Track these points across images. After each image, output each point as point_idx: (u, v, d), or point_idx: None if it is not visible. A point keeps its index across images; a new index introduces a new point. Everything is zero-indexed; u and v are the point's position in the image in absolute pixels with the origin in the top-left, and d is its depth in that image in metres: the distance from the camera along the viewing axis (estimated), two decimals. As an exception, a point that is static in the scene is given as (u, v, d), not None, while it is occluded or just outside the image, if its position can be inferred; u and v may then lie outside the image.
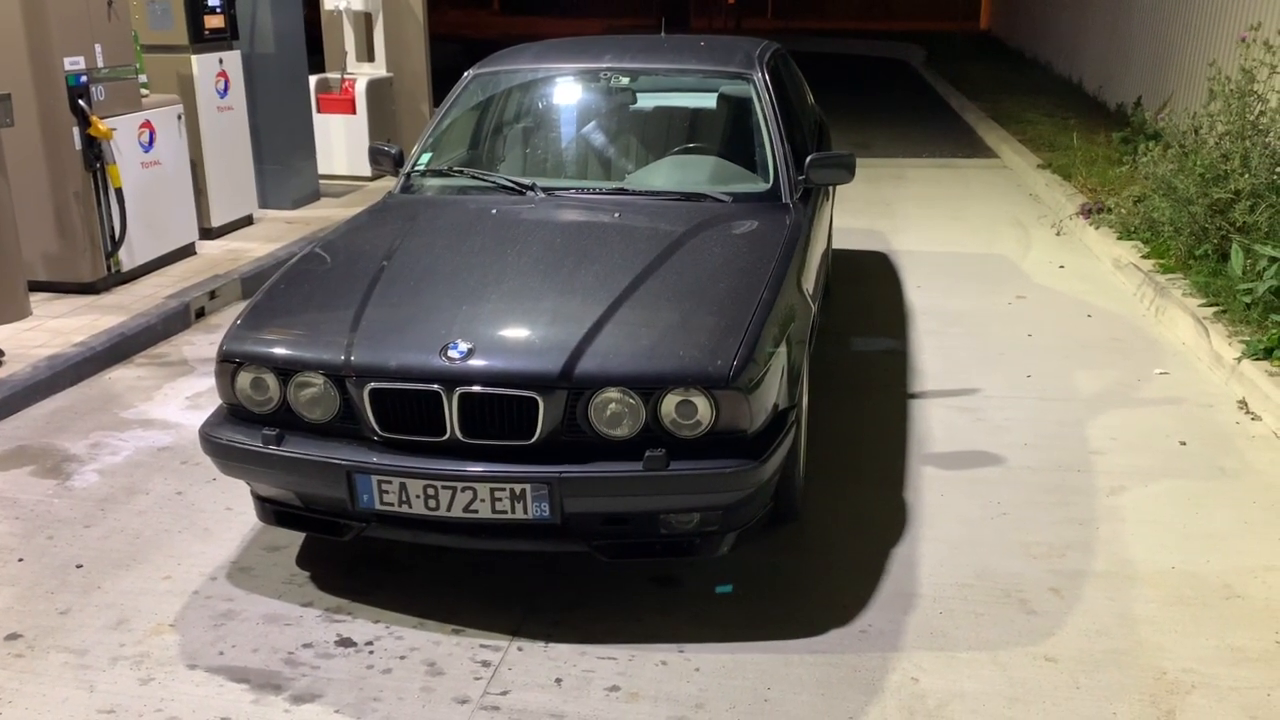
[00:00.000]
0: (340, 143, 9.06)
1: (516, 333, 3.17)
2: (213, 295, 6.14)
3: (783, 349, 3.25)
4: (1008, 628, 3.13)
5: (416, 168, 4.49)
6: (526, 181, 4.20)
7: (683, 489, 3.01)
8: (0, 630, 3.16)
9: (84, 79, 5.76)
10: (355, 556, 3.52)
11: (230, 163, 7.30)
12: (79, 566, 3.51)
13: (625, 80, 4.66)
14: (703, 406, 2.99)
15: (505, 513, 3.02)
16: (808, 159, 4.26)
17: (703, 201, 4.11)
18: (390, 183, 4.54)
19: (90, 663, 3.01)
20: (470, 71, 4.78)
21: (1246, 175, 6.00)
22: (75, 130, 5.74)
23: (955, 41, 22.21)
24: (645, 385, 2.99)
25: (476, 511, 3.03)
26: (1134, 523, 3.73)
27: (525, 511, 3.01)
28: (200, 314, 6.01)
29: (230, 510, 3.87)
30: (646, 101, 4.74)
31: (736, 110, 4.56)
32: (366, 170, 9.16)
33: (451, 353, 3.05)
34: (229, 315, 6.07)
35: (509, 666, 2.97)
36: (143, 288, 6.15)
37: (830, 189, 5.13)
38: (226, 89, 7.19)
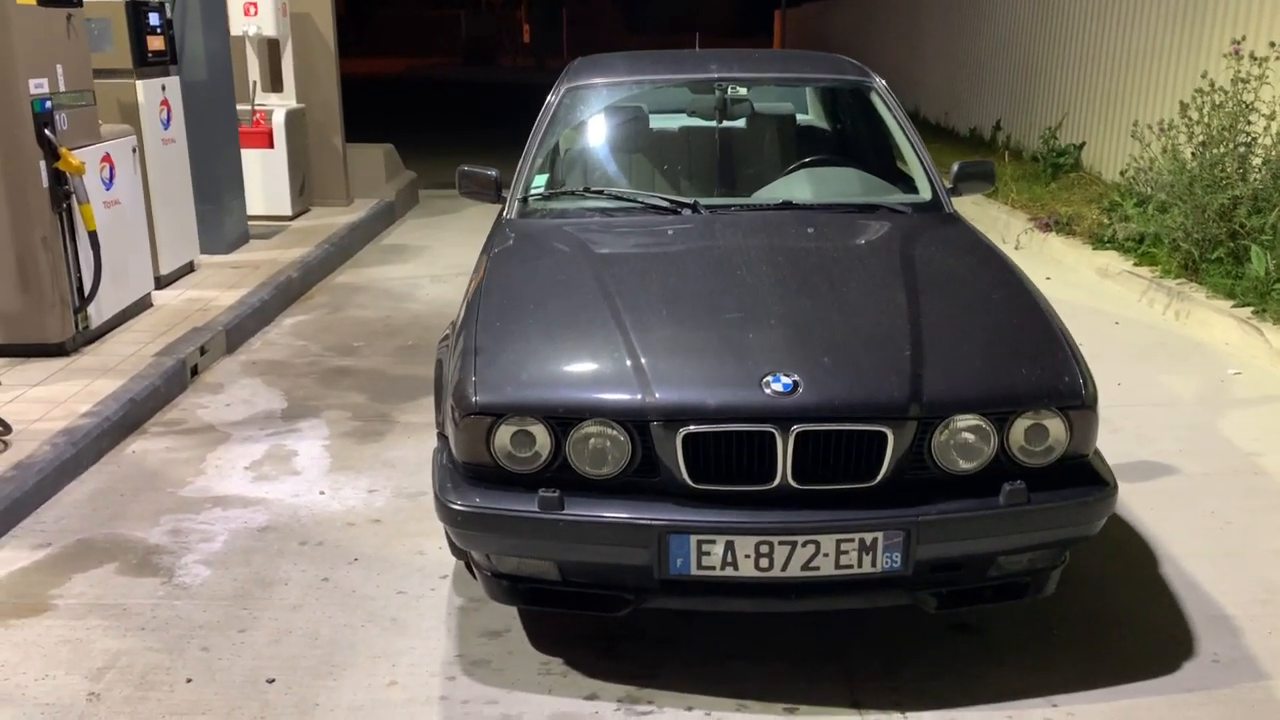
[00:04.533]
0: (257, 179, 8.21)
1: (839, 360, 2.76)
2: (203, 350, 5.34)
3: (1082, 361, 3.01)
4: (1347, 641, 2.98)
5: (533, 191, 4.00)
6: (687, 199, 3.80)
7: (1044, 524, 2.69)
8: (234, 774, 2.50)
9: (49, 104, 4.91)
10: (603, 634, 3.01)
11: (174, 203, 6.45)
12: (270, 681, 2.84)
13: (742, 91, 4.32)
14: (1055, 429, 2.69)
15: (851, 567, 2.62)
16: (955, 167, 4.07)
17: (877, 212, 3.83)
18: (318, 220, 4.01)
19: (386, 801, 2.40)
20: (562, 86, 4.32)
21: (1243, 183, 6.24)
22: (42, 164, 4.87)
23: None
24: (1000, 409, 2.67)
25: (818, 569, 2.62)
26: (1355, 521, 3.68)
27: (874, 564, 2.62)
28: (194, 371, 5.22)
29: (404, 594, 3.27)
30: (766, 112, 4.42)
31: (868, 118, 4.32)
32: (288, 209, 8.42)
33: (775, 386, 2.64)
34: (224, 372, 5.32)
35: (886, 745, 2.58)
36: (117, 346, 5.29)
37: None
38: (169, 119, 6.36)
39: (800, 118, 4.69)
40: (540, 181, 4.07)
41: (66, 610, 3.19)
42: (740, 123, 4.36)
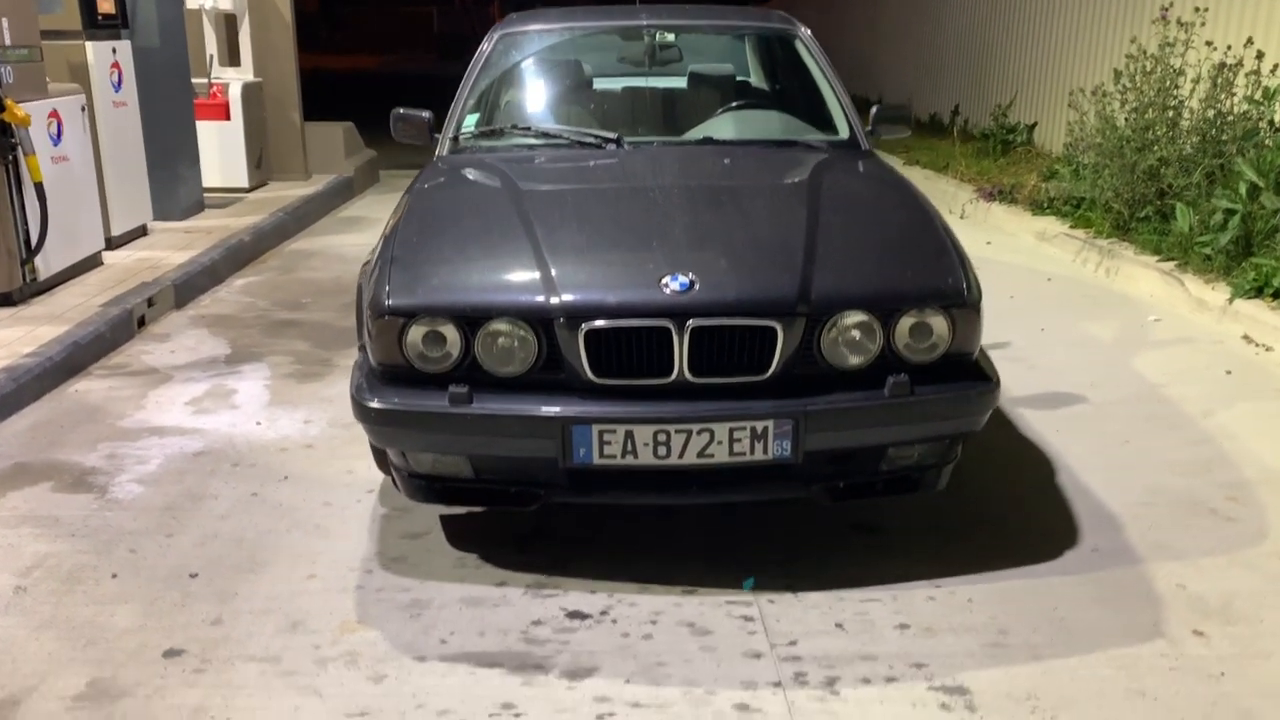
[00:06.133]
0: (213, 151, 8.28)
1: (734, 262, 2.90)
2: (150, 303, 5.44)
3: (972, 271, 3.16)
4: (1222, 534, 3.14)
5: (464, 130, 4.13)
6: (610, 135, 3.93)
7: (928, 416, 2.85)
8: (151, 648, 2.61)
9: (-6, 58, 5.01)
10: (517, 534, 3.14)
11: (126, 165, 6.53)
12: (193, 575, 2.96)
13: (670, 37, 4.47)
14: (939, 327, 2.85)
15: (744, 454, 2.76)
16: (873, 110, 4.24)
17: (794, 148, 3.98)
18: (277, 193, 4.13)
19: (295, 668, 2.52)
20: (496, 32, 4.46)
21: (1172, 145, 6.43)
22: (-13, 116, 4.97)
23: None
24: (884, 307, 2.82)
25: (712, 456, 2.75)
26: (1246, 438, 3.85)
27: (765, 452, 2.76)
28: (141, 323, 5.31)
29: (330, 505, 3.39)
30: (695, 58, 4.56)
31: (793, 64, 4.47)
32: (244, 181, 8.49)
33: (672, 285, 2.77)
34: (171, 324, 5.42)
35: (774, 619, 2.72)
36: (66, 297, 5.38)
37: None
38: (120, 82, 6.44)
39: (740, 78, 4.82)
40: (471, 122, 4.19)
41: None
42: (675, 82, 4.49)
